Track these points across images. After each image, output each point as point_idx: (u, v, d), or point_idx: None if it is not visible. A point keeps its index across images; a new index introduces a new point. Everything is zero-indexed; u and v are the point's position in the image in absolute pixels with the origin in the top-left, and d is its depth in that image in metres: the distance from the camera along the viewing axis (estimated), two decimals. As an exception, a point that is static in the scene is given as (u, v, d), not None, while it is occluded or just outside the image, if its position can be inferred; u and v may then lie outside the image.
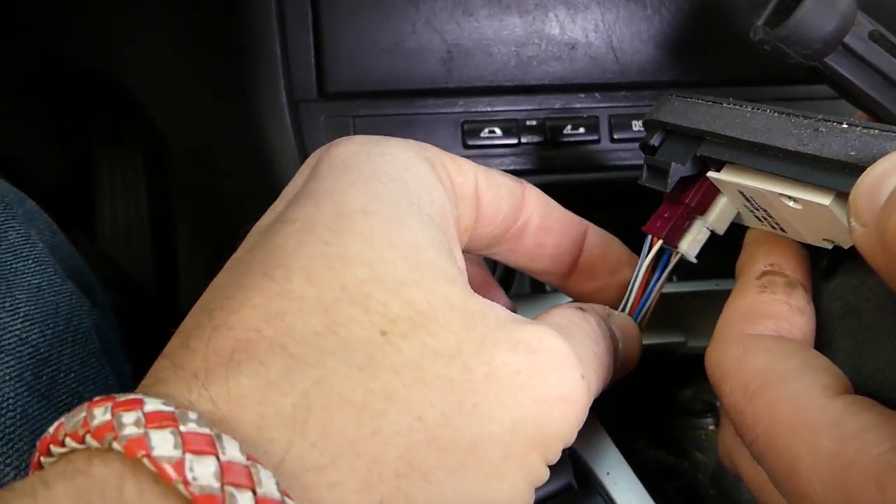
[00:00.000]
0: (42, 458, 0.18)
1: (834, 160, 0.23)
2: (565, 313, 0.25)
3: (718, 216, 0.29)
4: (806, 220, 0.26)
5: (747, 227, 0.31)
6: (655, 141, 0.30)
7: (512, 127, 0.40)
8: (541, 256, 0.30)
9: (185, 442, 0.16)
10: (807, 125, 0.24)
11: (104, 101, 0.76)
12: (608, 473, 0.28)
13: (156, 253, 0.82)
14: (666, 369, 0.40)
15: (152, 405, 0.17)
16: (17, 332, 0.28)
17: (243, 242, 0.23)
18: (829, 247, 0.27)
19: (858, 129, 0.23)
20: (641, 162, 0.36)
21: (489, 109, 0.41)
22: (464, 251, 0.28)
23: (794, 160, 0.24)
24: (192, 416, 0.17)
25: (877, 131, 0.22)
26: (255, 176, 0.43)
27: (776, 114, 0.26)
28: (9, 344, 0.27)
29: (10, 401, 0.27)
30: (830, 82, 0.32)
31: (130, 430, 0.17)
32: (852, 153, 0.22)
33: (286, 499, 0.16)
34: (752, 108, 0.26)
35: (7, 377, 0.27)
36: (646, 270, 0.30)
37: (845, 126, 0.23)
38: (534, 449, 0.21)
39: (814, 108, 0.42)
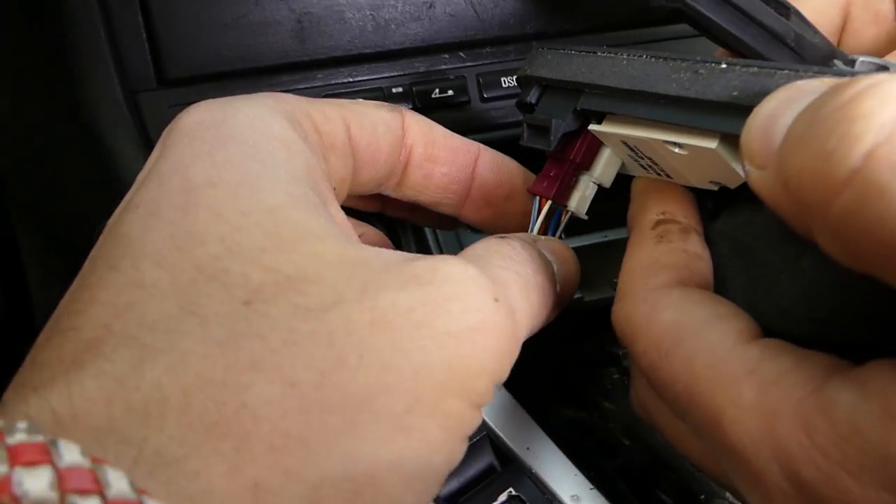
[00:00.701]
0: None
1: (717, 102, 0.23)
2: (482, 243, 0.24)
3: (604, 169, 0.29)
4: (692, 165, 0.26)
5: (632, 177, 0.30)
6: (532, 98, 0.28)
7: (377, 96, 0.38)
8: (429, 188, 0.28)
9: (11, 455, 0.15)
10: (686, 68, 0.24)
11: None
12: (528, 448, 0.27)
13: (1, 278, 0.73)
14: (564, 326, 0.40)
15: None
16: None
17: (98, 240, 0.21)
18: (716, 188, 0.27)
19: (738, 67, 0.22)
20: (515, 119, 0.35)
21: (350, 80, 0.38)
22: (350, 197, 0.27)
23: (677, 105, 0.24)
24: (21, 425, 0.15)
25: (756, 69, 0.22)
26: (98, 177, 0.38)
27: (653, 59, 0.25)
28: None
29: None
30: (692, 21, 0.32)
31: None
32: (735, 93, 0.22)
33: (143, 497, 0.15)
34: (629, 56, 0.25)
35: None
36: (538, 233, 0.29)
37: (724, 66, 0.23)
38: (448, 393, 0.19)
39: (675, 48, 0.42)
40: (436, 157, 0.27)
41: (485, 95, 0.40)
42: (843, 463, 0.17)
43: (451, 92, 0.39)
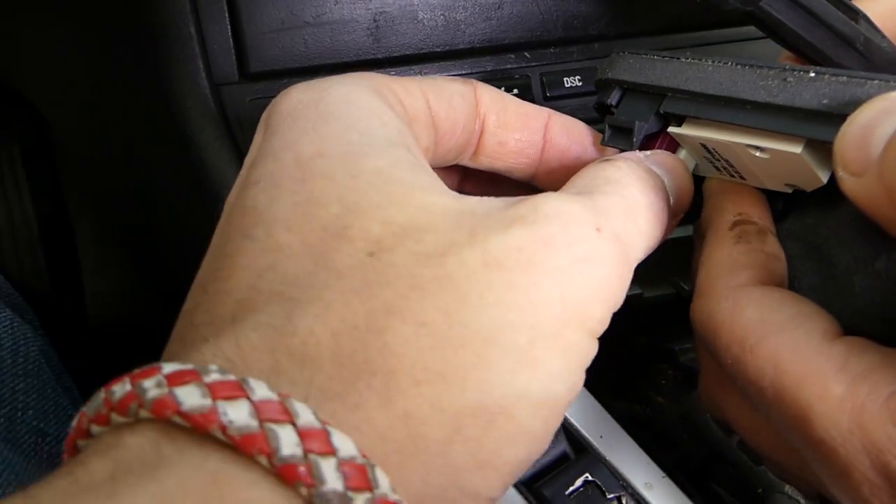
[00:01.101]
0: (78, 442, 0.18)
1: (806, 109, 0.23)
2: (588, 169, 0.24)
3: None
4: (771, 169, 0.27)
5: (703, 178, 0.31)
6: (613, 100, 0.29)
7: (448, 94, 0.39)
8: (504, 154, 0.29)
9: (212, 391, 0.16)
10: (773, 76, 0.25)
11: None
12: (601, 437, 0.28)
13: (49, 255, 0.75)
14: (620, 321, 0.41)
15: (170, 367, 0.17)
16: None
17: (221, 215, 0.23)
18: (790, 191, 0.28)
19: (826, 76, 0.23)
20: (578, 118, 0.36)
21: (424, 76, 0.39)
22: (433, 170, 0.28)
23: (764, 111, 0.25)
24: (213, 367, 0.17)
25: (845, 78, 0.23)
26: (177, 166, 0.40)
27: (739, 66, 0.26)
28: None
29: None
30: (761, 24, 0.33)
31: (154, 393, 0.17)
32: (824, 101, 0.23)
33: (327, 426, 0.17)
34: (714, 62, 0.26)
35: None
36: None
37: (813, 75, 0.24)
38: (567, 325, 0.20)
39: (739, 51, 0.43)
40: (508, 123, 0.28)
41: (548, 94, 0.41)
42: None
43: (515, 91, 0.40)
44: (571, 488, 0.27)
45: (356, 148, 0.21)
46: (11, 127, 0.72)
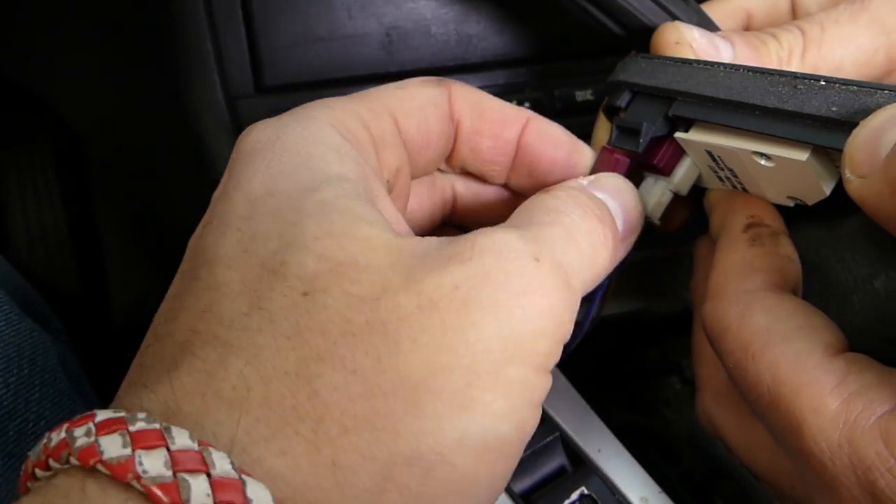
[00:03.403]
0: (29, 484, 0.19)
1: (815, 116, 0.23)
2: (527, 202, 0.24)
3: (682, 178, 0.30)
4: (775, 178, 0.27)
5: (705, 190, 0.31)
6: (622, 102, 0.29)
7: (459, 108, 0.39)
8: (476, 160, 0.28)
9: (133, 440, 0.17)
10: (784, 83, 0.25)
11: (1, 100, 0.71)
12: (599, 450, 0.29)
13: (78, 260, 0.77)
14: (629, 335, 0.41)
15: (103, 415, 0.18)
16: None
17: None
18: (792, 205, 0.28)
19: (836, 85, 0.24)
20: (588, 132, 0.36)
21: (434, 91, 0.40)
22: (414, 178, 0.28)
23: (773, 117, 0.25)
24: (141, 415, 0.18)
25: (855, 87, 0.23)
26: (194, 177, 0.41)
27: (751, 73, 0.26)
28: None
29: None
30: None
31: (81, 441, 0.17)
32: (834, 108, 0.23)
33: (242, 476, 0.17)
34: (725, 68, 0.26)
35: None
36: None
37: (823, 83, 0.24)
38: (508, 362, 0.19)
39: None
40: (482, 129, 0.27)
41: (559, 108, 0.41)
42: None
43: (527, 104, 0.40)
44: (567, 502, 0.27)
45: (305, 184, 0.21)
46: (43, 136, 0.75)
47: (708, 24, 0.30)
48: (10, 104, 0.70)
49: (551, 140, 0.28)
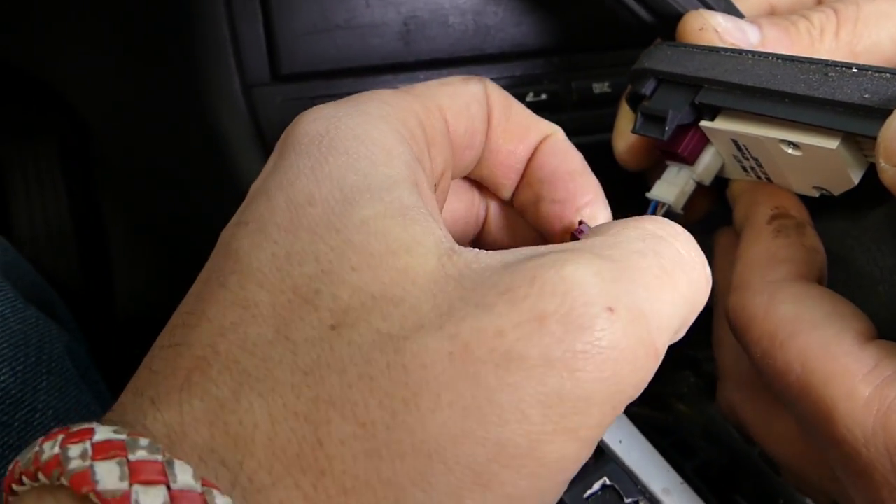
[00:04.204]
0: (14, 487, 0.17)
1: (847, 103, 0.23)
2: (613, 225, 0.20)
3: (706, 167, 0.29)
4: (802, 168, 0.26)
5: (728, 181, 0.31)
6: (647, 90, 0.29)
7: (475, 98, 0.39)
8: (491, 164, 0.26)
9: (132, 472, 0.16)
10: (815, 70, 0.25)
11: (7, 90, 0.71)
12: (620, 441, 0.29)
13: (83, 252, 0.77)
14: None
15: (102, 434, 0.16)
16: None
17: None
18: (817, 195, 0.28)
19: (869, 73, 0.23)
20: (607, 123, 0.36)
21: (450, 82, 0.40)
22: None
23: (803, 105, 0.24)
24: (143, 442, 0.16)
25: (889, 75, 0.23)
26: (209, 166, 0.41)
27: (780, 60, 0.26)
28: None
29: None
30: None
31: (76, 464, 0.16)
32: (866, 96, 0.23)
33: None
34: (754, 55, 0.26)
35: None
36: None
37: (855, 70, 0.24)
38: (548, 438, 0.16)
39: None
40: (508, 131, 0.25)
41: (576, 100, 0.41)
42: None
43: (544, 96, 0.40)
44: (589, 492, 0.27)
45: (348, 193, 0.19)
46: (50, 126, 0.74)
47: (734, 13, 0.30)
48: (18, 95, 0.69)
49: (568, 157, 0.26)
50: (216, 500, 0.15)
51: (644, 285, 0.17)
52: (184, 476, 0.16)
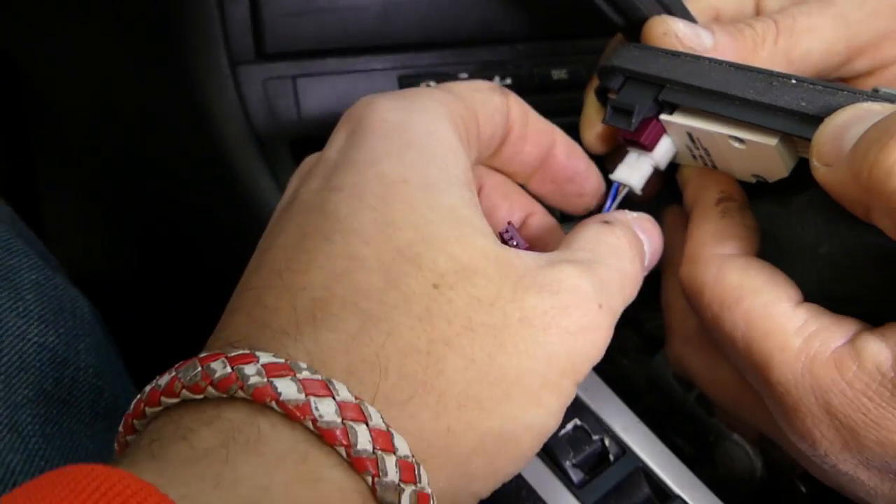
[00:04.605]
0: (147, 409, 0.21)
1: (787, 109, 0.28)
2: (591, 233, 0.28)
3: (663, 154, 0.34)
4: (744, 159, 0.31)
5: (678, 166, 0.36)
6: (615, 85, 0.33)
7: (447, 80, 0.42)
8: (513, 163, 0.32)
9: (304, 387, 0.20)
10: (762, 79, 0.29)
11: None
12: (586, 389, 0.33)
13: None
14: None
15: (265, 358, 0.20)
16: (35, 339, 0.27)
17: (294, 202, 0.25)
18: (754, 181, 0.33)
19: (806, 84, 0.28)
20: (563, 107, 0.40)
21: (425, 63, 0.43)
22: None
23: (750, 107, 0.29)
24: (303, 365, 0.20)
25: (821, 87, 0.28)
26: (191, 140, 0.42)
27: (732, 67, 0.30)
28: (28, 355, 0.27)
29: (29, 426, 0.27)
30: None
31: (255, 380, 0.19)
32: (803, 104, 0.28)
33: (391, 430, 0.20)
34: (710, 62, 0.31)
35: (25, 399, 0.27)
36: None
37: (794, 82, 0.28)
38: (566, 376, 0.24)
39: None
40: (526, 137, 0.31)
41: (537, 85, 0.45)
42: (865, 391, 0.24)
43: (509, 80, 0.44)
44: (563, 431, 0.31)
45: (434, 181, 0.24)
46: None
47: (689, 18, 0.34)
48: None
49: (576, 156, 0.33)
50: (368, 409, 0.20)
51: (613, 294, 0.26)
52: (343, 391, 0.20)
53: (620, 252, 0.28)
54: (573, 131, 0.35)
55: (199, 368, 0.20)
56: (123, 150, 0.50)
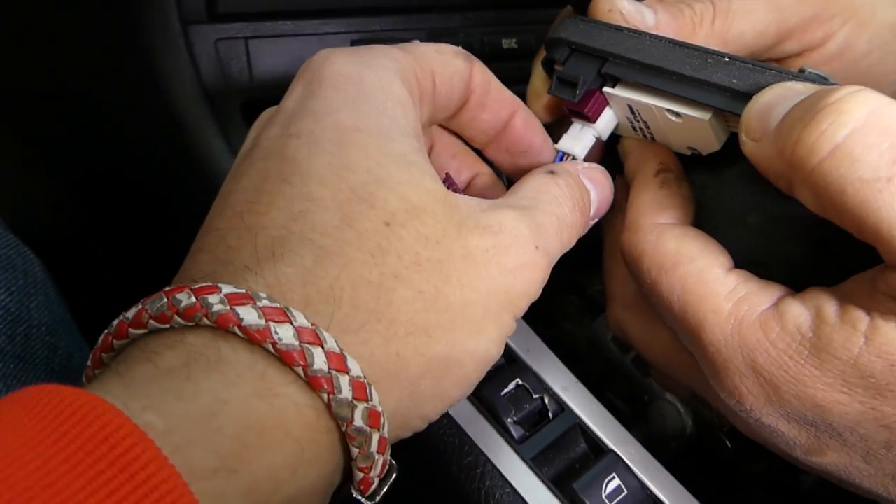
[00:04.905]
0: (115, 342, 0.22)
1: (719, 85, 0.30)
2: (534, 182, 0.30)
3: (605, 125, 0.35)
4: (680, 132, 0.33)
5: (619, 137, 0.37)
6: (561, 57, 0.34)
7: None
8: (469, 128, 0.33)
9: (265, 314, 0.21)
10: (698, 56, 0.31)
11: None
12: (528, 350, 0.35)
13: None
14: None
15: (227, 289, 0.21)
16: None
17: (255, 149, 0.26)
18: (689, 153, 0.34)
19: (738, 62, 0.30)
20: (514, 75, 0.41)
21: (377, 28, 0.43)
22: None
23: (686, 83, 0.31)
24: (263, 295, 0.22)
25: (751, 66, 0.29)
26: (144, 97, 0.42)
27: (671, 44, 0.31)
28: None
29: None
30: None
31: (218, 308, 0.21)
32: (734, 81, 0.29)
33: (344, 352, 0.22)
34: (650, 38, 0.32)
35: None
36: None
37: (727, 60, 0.30)
38: (505, 309, 0.26)
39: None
40: (486, 105, 0.32)
41: (487, 53, 0.45)
42: (786, 350, 0.26)
43: (459, 47, 0.44)
44: (505, 390, 0.33)
45: (386, 131, 0.26)
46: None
47: None
48: None
49: (533, 129, 0.34)
50: (324, 334, 0.22)
51: (550, 236, 0.28)
52: (300, 318, 0.22)
53: (561, 200, 0.29)
54: (521, 100, 0.36)
55: (165, 300, 0.21)
56: (72, 104, 0.49)
